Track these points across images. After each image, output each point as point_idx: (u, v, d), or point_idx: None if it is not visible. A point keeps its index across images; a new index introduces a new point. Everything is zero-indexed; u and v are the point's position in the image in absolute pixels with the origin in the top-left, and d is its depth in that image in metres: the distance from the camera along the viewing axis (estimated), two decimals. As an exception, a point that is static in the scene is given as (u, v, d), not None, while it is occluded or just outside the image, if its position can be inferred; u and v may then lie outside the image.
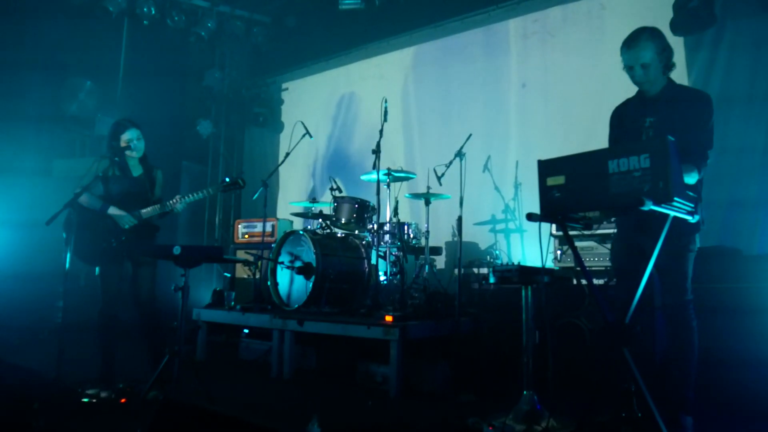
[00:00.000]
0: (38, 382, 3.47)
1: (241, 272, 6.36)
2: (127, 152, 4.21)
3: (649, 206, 2.31)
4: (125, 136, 4.21)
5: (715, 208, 4.85)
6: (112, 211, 4.12)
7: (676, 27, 5.42)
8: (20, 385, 3.31)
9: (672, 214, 2.52)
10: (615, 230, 3.55)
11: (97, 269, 4.17)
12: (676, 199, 2.35)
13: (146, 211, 4.20)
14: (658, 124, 3.14)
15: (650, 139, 3.10)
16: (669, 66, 3.17)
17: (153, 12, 7.94)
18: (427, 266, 5.81)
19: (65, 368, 3.71)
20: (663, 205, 2.36)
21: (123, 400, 3.76)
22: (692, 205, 2.57)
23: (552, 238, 5.29)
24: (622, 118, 3.36)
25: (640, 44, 3.11)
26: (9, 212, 6.62)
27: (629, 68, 3.18)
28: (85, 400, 3.72)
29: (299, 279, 5.30)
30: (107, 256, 4.14)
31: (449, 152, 5.46)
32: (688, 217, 2.61)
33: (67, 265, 3.78)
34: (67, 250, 3.76)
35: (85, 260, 4.16)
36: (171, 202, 4.19)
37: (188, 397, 3.35)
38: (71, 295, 4.37)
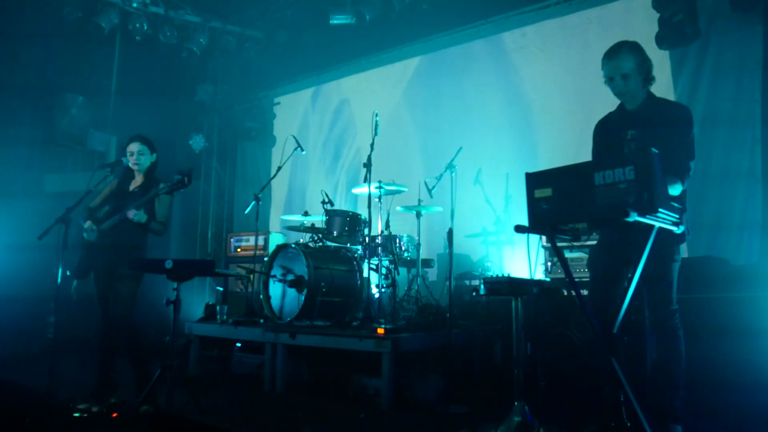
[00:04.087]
0: (30, 397, 3.46)
1: (234, 286, 6.36)
2: (130, 163, 4.25)
3: (635, 217, 2.35)
4: (128, 148, 4.27)
5: (702, 224, 4.91)
6: (87, 225, 4.13)
7: (661, 41, 5.52)
8: (11, 400, 3.30)
9: (657, 224, 2.56)
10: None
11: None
12: (660, 210, 2.39)
13: (107, 223, 4.11)
14: (639, 136, 3.19)
15: (634, 151, 3.15)
16: (649, 79, 3.23)
17: (145, 28, 7.99)
18: (419, 278, 5.83)
19: (57, 383, 3.69)
20: (648, 216, 2.40)
21: (114, 415, 3.76)
22: (677, 216, 2.60)
23: (543, 250, 5.33)
24: (605, 131, 3.42)
25: (621, 55, 3.18)
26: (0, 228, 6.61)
27: (610, 79, 3.24)
28: (77, 414, 3.71)
29: (291, 292, 5.31)
30: (86, 271, 4.15)
31: (440, 165, 5.51)
32: (674, 228, 2.65)
33: (59, 281, 3.78)
34: (59, 266, 3.77)
35: (76, 276, 4.17)
36: (129, 213, 4.04)
37: (180, 410, 3.35)
38: (63, 311, 4.36)
